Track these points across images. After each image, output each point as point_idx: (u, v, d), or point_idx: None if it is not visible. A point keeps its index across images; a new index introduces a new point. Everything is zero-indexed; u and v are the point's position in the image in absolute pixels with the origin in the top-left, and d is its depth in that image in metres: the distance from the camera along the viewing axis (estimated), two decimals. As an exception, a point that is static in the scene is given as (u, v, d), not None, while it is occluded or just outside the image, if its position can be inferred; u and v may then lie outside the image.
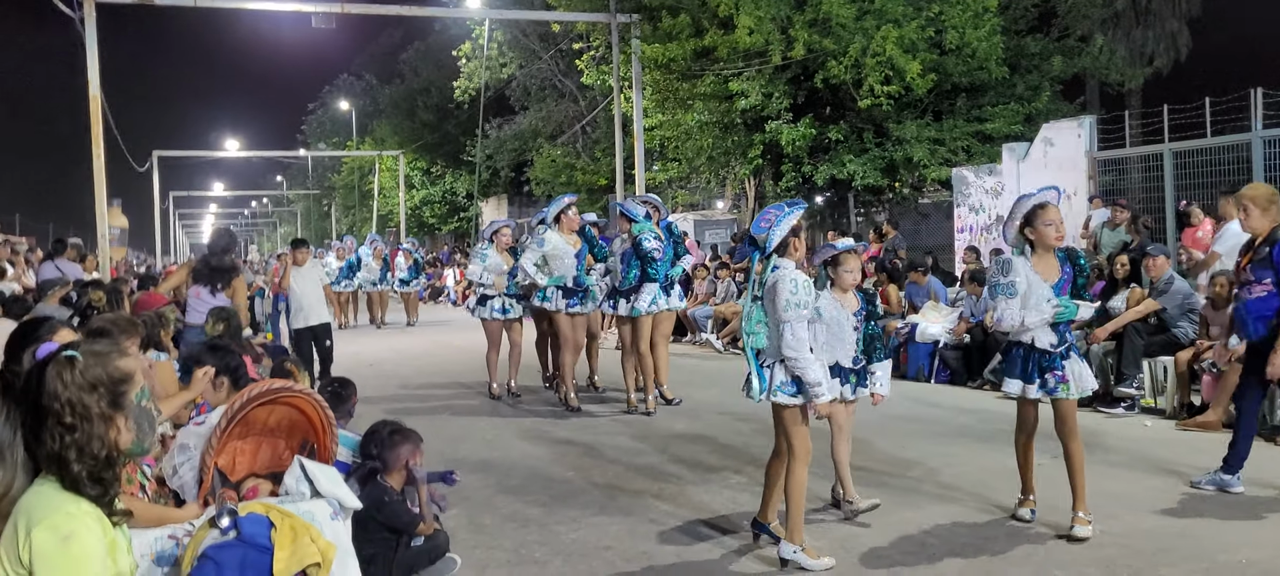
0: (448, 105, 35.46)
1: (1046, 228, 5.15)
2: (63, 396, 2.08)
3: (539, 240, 9.29)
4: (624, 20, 19.59)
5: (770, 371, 4.87)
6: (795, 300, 4.72)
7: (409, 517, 4.47)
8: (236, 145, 49.59)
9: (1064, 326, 5.22)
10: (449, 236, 44.95)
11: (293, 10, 19.45)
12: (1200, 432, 7.61)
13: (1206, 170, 12.74)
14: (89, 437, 2.09)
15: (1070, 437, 5.22)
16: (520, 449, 7.78)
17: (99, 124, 17.05)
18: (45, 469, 2.09)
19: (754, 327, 4.88)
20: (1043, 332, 5.18)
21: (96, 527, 2.06)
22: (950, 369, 10.54)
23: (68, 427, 2.07)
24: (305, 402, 4.18)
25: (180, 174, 64.00)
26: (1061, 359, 5.19)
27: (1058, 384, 5.18)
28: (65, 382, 2.09)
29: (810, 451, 4.91)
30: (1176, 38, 24.24)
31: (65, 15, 16.84)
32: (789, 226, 4.85)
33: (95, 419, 2.11)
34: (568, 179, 27.14)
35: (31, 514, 2.02)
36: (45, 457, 2.07)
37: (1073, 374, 5.19)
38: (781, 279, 4.76)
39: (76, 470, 2.07)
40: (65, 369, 2.11)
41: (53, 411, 2.07)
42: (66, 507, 2.04)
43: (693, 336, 14.89)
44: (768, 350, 4.90)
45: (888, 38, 15.87)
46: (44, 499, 2.05)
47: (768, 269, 4.86)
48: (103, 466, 2.11)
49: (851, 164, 17.69)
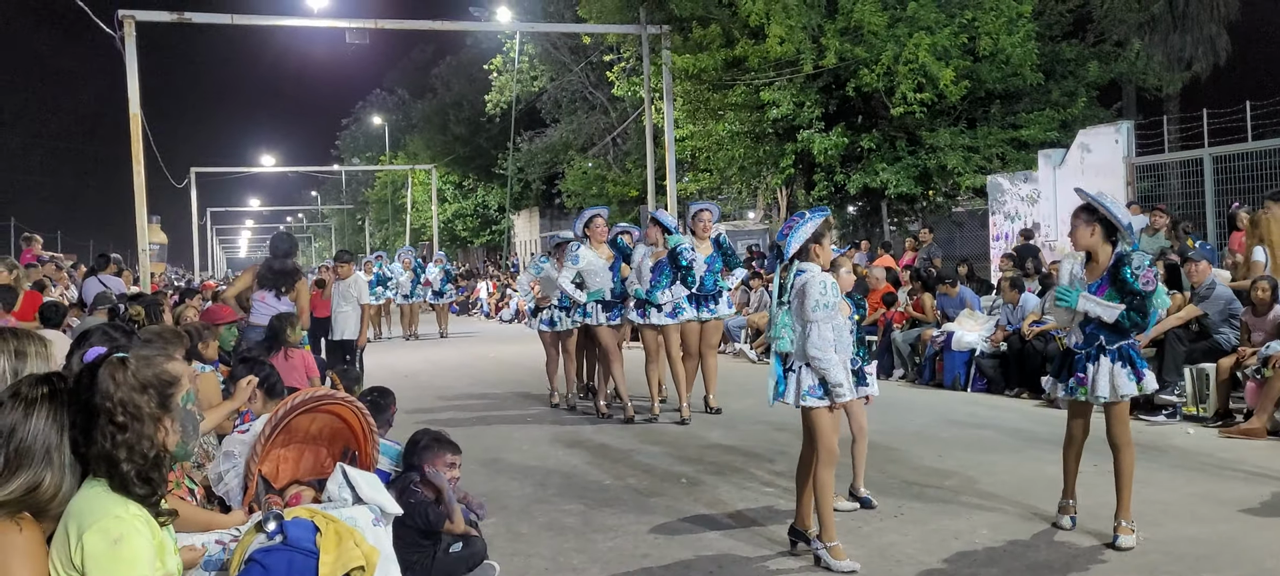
0: (479, 119, 35.76)
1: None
2: (115, 396, 2.13)
3: (573, 257, 9.33)
4: (654, 31, 19.66)
5: (796, 376, 4.96)
6: (824, 301, 4.84)
7: (434, 515, 4.51)
8: (272, 161, 50.24)
9: (1092, 330, 5.13)
10: (481, 249, 45.23)
11: (327, 26, 19.72)
12: (1244, 440, 7.49)
13: (1248, 175, 12.56)
14: (139, 437, 2.14)
15: (1118, 445, 5.14)
16: (557, 456, 7.81)
17: (139, 142, 17.34)
18: (94, 469, 2.13)
19: (779, 332, 4.97)
20: (1072, 334, 5.26)
21: (145, 530, 2.10)
22: (987, 377, 10.44)
23: (119, 426, 2.12)
24: (347, 410, 4.24)
25: (217, 190, 64.96)
26: (1086, 360, 5.15)
27: (1077, 386, 5.19)
28: (117, 382, 2.14)
29: (837, 454, 4.99)
30: (1215, 42, 23.90)
31: (105, 34, 17.15)
32: (808, 232, 4.96)
33: (146, 418, 2.16)
34: (599, 191, 27.23)
35: (82, 518, 2.07)
36: (95, 457, 2.12)
37: (1097, 377, 5.10)
38: (810, 281, 4.86)
39: (126, 469, 2.11)
40: (118, 369, 2.16)
41: (105, 410, 2.12)
42: (115, 510, 2.08)
43: (727, 346, 14.87)
44: (794, 353, 4.98)
45: (920, 45, 15.80)
46: (94, 502, 2.09)
47: (792, 274, 4.96)
48: (151, 466, 2.16)
49: (884, 172, 17.60)
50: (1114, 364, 5.10)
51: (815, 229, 4.99)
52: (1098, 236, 5.10)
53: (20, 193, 52.51)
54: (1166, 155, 14.47)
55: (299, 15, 20.34)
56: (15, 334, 2.78)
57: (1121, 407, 5.15)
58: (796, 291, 4.92)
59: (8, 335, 2.75)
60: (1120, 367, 5.09)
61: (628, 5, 20.35)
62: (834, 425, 5.00)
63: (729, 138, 19.50)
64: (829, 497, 4.95)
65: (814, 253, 4.99)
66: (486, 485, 6.75)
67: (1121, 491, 5.13)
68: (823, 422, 4.95)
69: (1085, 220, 5.13)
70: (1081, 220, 5.15)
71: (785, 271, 5.03)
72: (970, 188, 17.90)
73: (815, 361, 4.87)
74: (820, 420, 4.95)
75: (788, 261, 4.99)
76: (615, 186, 26.97)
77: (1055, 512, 5.50)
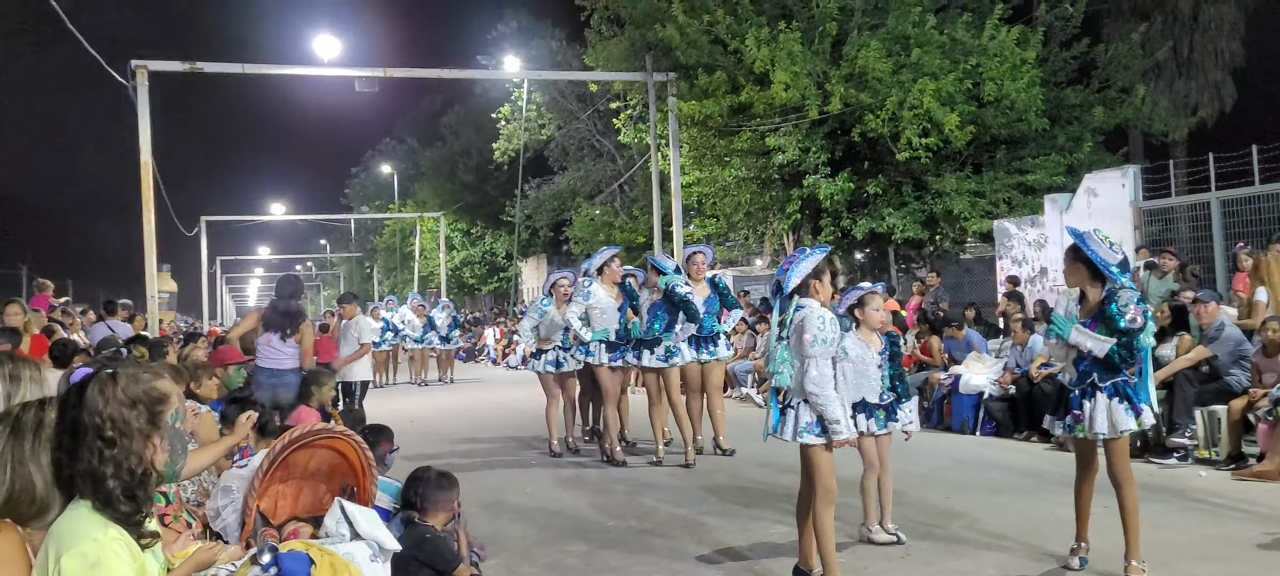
0: (487, 167, 35.97)
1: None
2: (105, 411, 2.11)
3: (584, 293, 9.27)
4: (661, 78, 19.80)
5: (795, 412, 4.94)
6: (822, 337, 4.81)
7: (452, 555, 4.46)
8: (282, 209, 50.54)
9: (1085, 366, 5.12)
10: (489, 296, 45.30)
11: (336, 75, 19.90)
12: (1257, 482, 7.38)
13: (1256, 218, 12.54)
14: (127, 453, 2.11)
15: (1119, 481, 5.09)
16: (560, 499, 7.74)
17: (150, 190, 17.39)
18: (79, 489, 2.10)
19: (778, 367, 4.95)
20: (1068, 370, 5.27)
21: (124, 553, 2.07)
22: (996, 420, 10.35)
23: (108, 442, 2.10)
24: (346, 445, 4.21)
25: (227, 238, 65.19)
26: (1081, 397, 5.13)
27: (1074, 423, 5.18)
28: (106, 398, 2.12)
29: (835, 493, 4.94)
30: (1220, 88, 23.96)
31: (116, 83, 17.29)
32: (808, 268, 4.97)
33: (135, 434, 2.14)
34: (606, 237, 27.30)
35: (61, 540, 2.04)
36: (81, 475, 2.09)
37: (1094, 413, 5.06)
38: (808, 317, 4.85)
39: (111, 486, 2.09)
40: (107, 385, 2.14)
41: (93, 426, 2.09)
42: (94, 533, 2.05)
43: (732, 390, 14.79)
44: (792, 389, 4.96)
45: (925, 91, 15.88)
46: (75, 525, 2.07)
47: (791, 309, 4.95)
48: (138, 483, 2.13)
49: (891, 217, 17.61)
50: (1110, 399, 5.05)
51: (816, 265, 4.99)
52: (1084, 275, 5.13)
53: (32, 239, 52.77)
54: (1174, 199, 14.46)
55: (309, 64, 20.56)
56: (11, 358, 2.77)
57: (1121, 444, 5.09)
58: (795, 327, 4.90)
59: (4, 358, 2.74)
60: (1118, 403, 5.03)
61: (634, 53, 20.53)
62: (831, 463, 4.94)
63: (735, 183, 19.56)
64: (829, 536, 4.89)
65: (814, 288, 4.98)
66: (488, 527, 6.68)
67: (1128, 529, 5.08)
68: (820, 461, 4.90)
69: (1070, 260, 5.19)
70: (1069, 260, 5.22)
71: (785, 306, 5.01)
72: (977, 232, 17.90)
73: (813, 398, 4.84)
74: (818, 458, 4.91)
75: (788, 296, 4.98)
76: (622, 233, 27.05)
77: (1066, 553, 5.41)
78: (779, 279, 5.06)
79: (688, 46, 18.17)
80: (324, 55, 21.20)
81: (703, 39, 18.16)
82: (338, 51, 21.49)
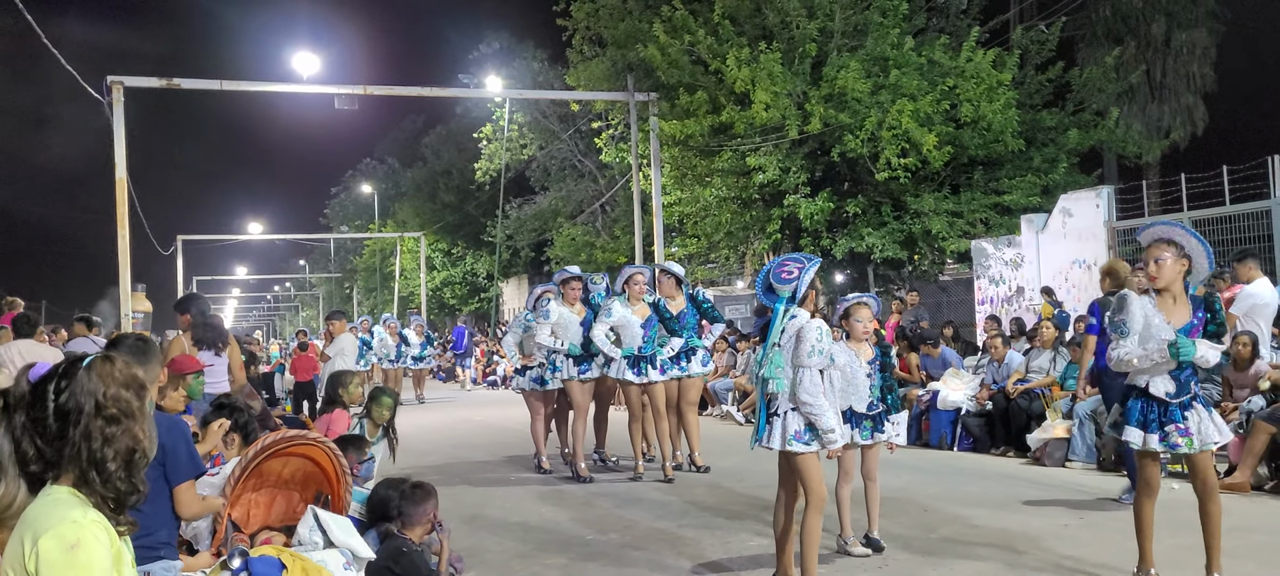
0: (468, 187, 35.96)
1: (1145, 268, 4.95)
2: (108, 392, 2.12)
3: (544, 313, 9.25)
4: (642, 98, 19.88)
5: (782, 420, 4.91)
6: (819, 348, 4.83)
7: (427, 570, 4.44)
8: (260, 228, 50.25)
9: (1187, 375, 4.81)
10: (470, 317, 45.16)
11: (316, 92, 19.84)
12: (1228, 494, 7.43)
13: (1227, 237, 12.69)
14: (127, 432, 2.12)
15: (1210, 491, 4.86)
16: (539, 513, 7.71)
17: (125, 207, 17.24)
18: (67, 470, 2.09)
19: (774, 372, 4.91)
20: (1159, 380, 4.81)
21: (104, 537, 2.06)
22: (973, 436, 10.40)
23: (111, 420, 2.10)
24: (320, 452, 4.19)
25: (203, 258, 64.76)
26: (1181, 410, 4.81)
27: (1182, 438, 4.79)
28: (107, 379, 2.13)
29: (825, 499, 4.94)
30: (1192, 111, 24.30)
31: (92, 101, 17.15)
32: (811, 276, 4.97)
33: (136, 414, 2.14)
34: (588, 257, 27.30)
35: (38, 523, 2.02)
36: (71, 458, 2.08)
37: (1195, 427, 4.82)
38: (806, 327, 4.85)
39: (112, 467, 2.09)
40: (106, 365, 2.15)
41: (95, 406, 2.10)
42: (73, 515, 2.04)
43: (713, 408, 14.80)
44: (782, 396, 4.93)
45: (903, 111, 16.02)
46: (52, 508, 2.05)
47: (786, 316, 4.93)
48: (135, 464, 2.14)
49: (870, 237, 17.72)
50: (1207, 409, 4.87)
51: (814, 274, 5.00)
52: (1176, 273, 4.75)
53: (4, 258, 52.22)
54: (1147, 220, 14.57)
55: (288, 81, 20.49)
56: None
57: (1208, 454, 4.91)
58: (791, 334, 4.89)
59: None
60: (1210, 413, 4.88)
61: (615, 73, 20.62)
62: (820, 470, 4.95)
63: (716, 203, 19.63)
64: (814, 543, 4.88)
65: (810, 299, 5.02)
66: (467, 541, 6.65)
67: (1213, 539, 4.88)
68: (810, 468, 4.89)
69: (1175, 255, 4.76)
70: (1170, 254, 4.75)
71: (785, 312, 4.96)
72: (955, 252, 18.03)
73: (805, 406, 4.83)
74: (807, 466, 4.90)
75: (796, 301, 4.94)
76: (604, 253, 27.04)
77: (1041, 561, 5.43)
78: (777, 286, 5.00)
79: (669, 66, 18.28)
80: (303, 72, 21.11)
81: (684, 59, 18.28)
82: (317, 68, 21.40)
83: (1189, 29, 23.88)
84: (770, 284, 5.06)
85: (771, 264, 5.14)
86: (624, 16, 20.45)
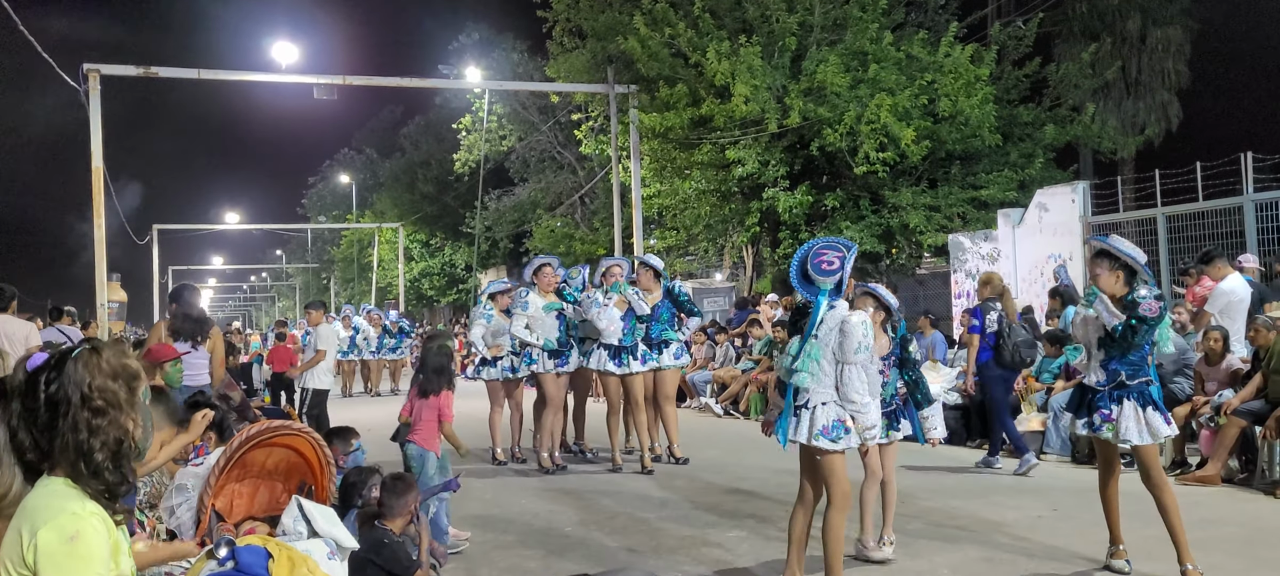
0: (447, 178, 35.84)
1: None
2: (94, 382, 2.13)
3: (521, 304, 9.35)
4: (622, 90, 19.89)
5: (810, 414, 4.67)
6: (865, 343, 4.61)
7: (408, 562, 4.46)
8: (236, 218, 49.90)
9: (1115, 367, 5.06)
10: (448, 308, 45.04)
11: (294, 81, 19.73)
12: (1199, 487, 7.58)
13: (1199, 233, 12.86)
14: (114, 424, 2.13)
15: (1157, 486, 5.05)
16: (519, 505, 7.74)
17: (101, 196, 17.10)
18: (58, 462, 2.10)
19: (806, 365, 4.64)
20: (1091, 373, 5.20)
21: (102, 528, 2.07)
22: (950, 428, 10.48)
23: (96, 411, 2.11)
24: (304, 443, 4.20)
25: (179, 247, 64.25)
26: (1108, 399, 5.07)
27: (1102, 423, 5.09)
28: (92, 370, 2.14)
29: (850, 498, 4.77)
30: (1167, 108, 24.57)
31: (69, 89, 16.96)
32: (851, 264, 4.74)
33: (122, 405, 2.15)
34: (567, 249, 27.30)
35: (36, 515, 2.04)
36: (61, 448, 2.09)
37: (1123, 418, 5.01)
38: (849, 321, 4.60)
39: (99, 458, 2.10)
40: (92, 357, 2.16)
41: (81, 397, 2.11)
42: (72, 507, 2.05)
43: (692, 400, 14.86)
44: (814, 391, 4.68)
45: (882, 105, 16.10)
46: (50, 499, 2.06)
47: (826, 307, 4.65)
48: (123, 456, 2.15)
49: (849, 230, 17.80)
50: (1144, 408, 5.03)
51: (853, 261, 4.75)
52: (1120, 282, 5.05)
53: (-23, 249, 51.58)
54: (1121, 215, 14.79)
55: (267, 70, 20.36)
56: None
57: (1153, 450, 5.08)
58: (831, 327, 4.62)
59: None
60: (1153, 412, 5.04)
61: (595, 65, 20.61)
62: (846, 468, 4.75)
63: (695, 195, 19.67)
64: (839, 544, 4.70)
65: (848, 287, 4.77)
66: (447, 531, 6.66)
67: (1176, 531, 5.01)
68: (837, 466, 4.67)
69: (1109, 266, 5.08)
70: (1104, 266, 5.10)
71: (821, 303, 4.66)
72: (932, 246, 18.16)
73: (850, 404, 4.63)
74: (834, 463, 4.67)
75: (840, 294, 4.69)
76: (583, 244, 27.05)
77: (1015, 551, 5.51)
78: (817, 277, 4.68)
79: (649, 59, 18.28)
80: (282, 61, 20.99)
81: (664, 52, 18.28)
82: (296, 58, 21.28)
83: (1164, 26, 24.13)
84: (808, 273, 4.73)
85: (805, 251, 4.79)
86: (604, 9, 20.43)
